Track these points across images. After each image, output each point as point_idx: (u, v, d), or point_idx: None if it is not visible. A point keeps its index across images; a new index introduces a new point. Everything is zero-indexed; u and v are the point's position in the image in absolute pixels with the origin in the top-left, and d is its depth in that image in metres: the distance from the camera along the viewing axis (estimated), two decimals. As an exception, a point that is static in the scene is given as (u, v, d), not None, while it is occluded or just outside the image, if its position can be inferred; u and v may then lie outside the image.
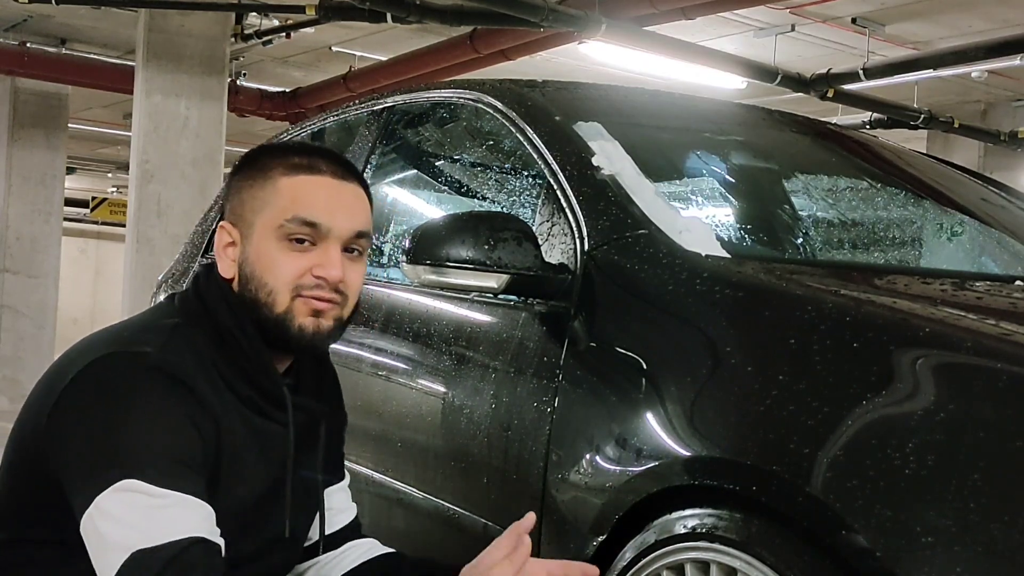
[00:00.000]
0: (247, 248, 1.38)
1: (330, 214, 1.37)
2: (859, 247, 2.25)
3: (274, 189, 1.38)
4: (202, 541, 1.22)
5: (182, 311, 1.39)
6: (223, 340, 1.36)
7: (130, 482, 1.20)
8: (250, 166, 1.42)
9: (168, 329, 1.34)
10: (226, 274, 1.39)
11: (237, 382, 1.35)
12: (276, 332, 1.37)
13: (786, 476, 1.23)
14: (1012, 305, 1.58)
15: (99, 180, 17.12)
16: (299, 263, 1.36)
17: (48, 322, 9.03)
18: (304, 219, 1.36)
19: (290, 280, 1.36)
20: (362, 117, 2.65)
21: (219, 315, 1.37)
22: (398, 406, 2.03)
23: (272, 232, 1.36)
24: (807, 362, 1.31)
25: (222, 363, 1.34)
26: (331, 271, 1.36)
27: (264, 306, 1.36)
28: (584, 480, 1.52)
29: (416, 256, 1.69)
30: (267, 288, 1.36)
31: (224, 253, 1.40)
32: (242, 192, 1.41)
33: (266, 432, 1.38)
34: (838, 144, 2.53)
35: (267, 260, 1.37)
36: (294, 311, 1.37)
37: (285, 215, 1.36)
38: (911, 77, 7.04)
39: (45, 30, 7.95)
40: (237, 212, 1.41)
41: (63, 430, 1.27)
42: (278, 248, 1.36)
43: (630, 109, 2.29)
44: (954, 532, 1.08)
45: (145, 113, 6.42)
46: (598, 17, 5.66)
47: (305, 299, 1.37)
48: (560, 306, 1.70)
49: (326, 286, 1.37)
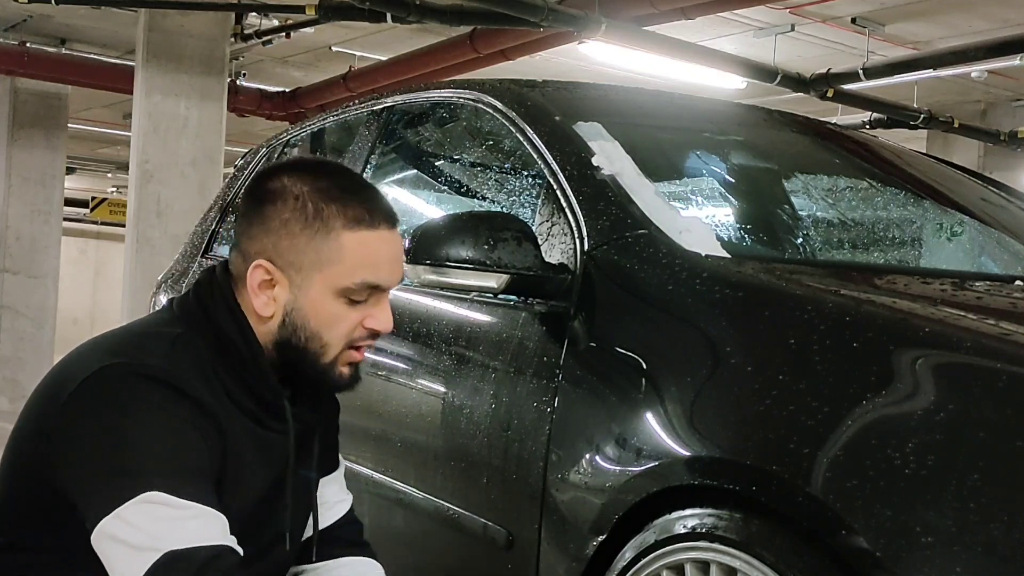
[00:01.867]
0: (299, 298, 1.36)
1: (391, 274, 1.39)
2: (859, 247, 2.25)
3: (339, 247, 1.34)
4: (232, 550, 1.23)
5: (183, 318, 1.38)
6: (225, 349, 1.35)
7: (152, 494, 1.20)
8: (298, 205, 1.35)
9: (170, 338, 1.33)
10: (264, 313, 1.37)
11: (237, 392, 1.35)
12: (315, 375, 1.39)
13: (786, 476, 1.23)
14: (1012, 305, 1.58)
15: (99, 180, 17.12)
16: (355, 318, 1.38)
17: (48, 322, 9.03)
18: (372, 284, 1.37)
19: (347, 335, 1.38)
20: (362, 117, 2.65)
21: (222, 324, 1.36)
22: (398, 406, 2.03)
23: (335, 291, 1.35)
24: (807, 362, 1.31)
25: (223, 372, 1.34)
26: (385, 325, 1.39)
27: (311, 355, 1.37)
28: (584, 480, 1.52)
29: (416, 256, 1.69)
30: (321, 341, 1.37)
31: (261, 291, 1.36)
32: (295, 239, 1.34)
33: (265, 441, 1.39)
34: (838, 144, 2.53)
35: (326, 316, 1.36)
36: (338, 361, 1.39)
37: (353, 278, 1.35)
38: (911, 77, 7.03)
39: (45, 30, 7.95)
40: (286, 257, 1.35)
41: (70, 443, 1.26)
42: (338, 305, 1.36)
43: (630, 109, 2.29)
44: (954, 532, 1.08)
45: (145, 113, 6.42)
46: (598, 17, 5.66)
47: (352, 351, 1.39)
48: (560, 306, 1.70)
49: (375, 337, 1.40)
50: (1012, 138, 8.68)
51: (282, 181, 1.37)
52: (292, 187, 1.36)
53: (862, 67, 6.86)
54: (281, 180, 1.37)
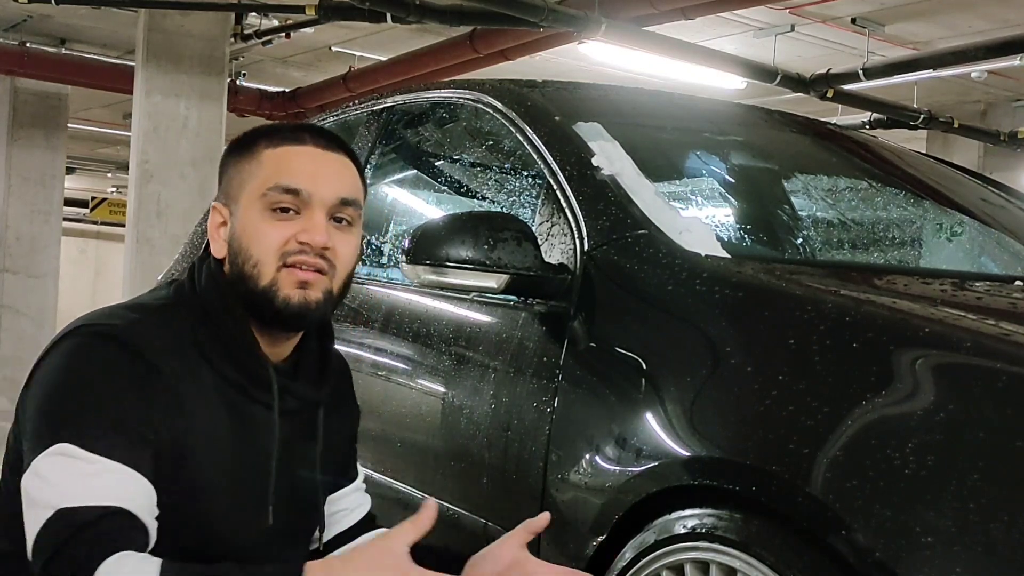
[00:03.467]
0: (235, 223, 1.39)
1: (312, 180, 1.37)
2: (859, 247, 2.25)
3: (258, 162, 1.39)
4: (126, 513, 1.19)
5: (175, 294, 1.40)
6: (209, 320, 1.36)
7: (64, 446, 1.19)
8: (237, 146, 1.44)
9: (151, 308, 1.35)
10: (218, 254, 1.40)
11: (222, 362, 1.35)
12: (263, 305, 1.35)
13: (786, 476, 1.23)
14: (1012, 305, 1.58)
15: (99, 180, 17.13)
16: (283, 231, 1.35)
17: (48, 322, 9.03)
18: (285, 186, 1.36)
19: (274, 248, 1.35)
20: (362, 117, 2.65)
21: (206, 295, 1.37)
22: (398, 406, 2.03)
23: (256, 203, 1.37)
24: (807, 362, 1.31)
25: (208, 343, 1.34)
26: (316, 236, 1.35)
27: (250, 278, 1.35)
28: (584, 480, 1.52)
29: (416, 256, 1.69)
30: (252, 259, 1.35)
31: (217, 234, 1.41)
32: (229, 170, 1.42)
33: (251, 415, 1.37)
34: (838, 144, 2.53)
35: (251, 231, 1.36)
36: (279, 282, 1.35)
37: (267, 184, 1.36)
38: (911, 77, 7.04)
39: (45, 30, 7.95)
40: (225, 191, 1.42)
41: (24, 404, 1.29)
42: (261, 218, 1.36)
43: (630, 109, 2.29)
44: (954, 532, 1.08)
45: (145, 113, 6.42)
46: (598, 17, 5.66)
47: (291, 269, 1.35)
48: (560, 306, 1.70)
49: (311, 251, 1.35)
50: (1012, 138, 8.68)
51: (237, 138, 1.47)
52: (240, 137, 1.46)
53: (862, 67, 6.86)
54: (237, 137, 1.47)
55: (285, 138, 1.41)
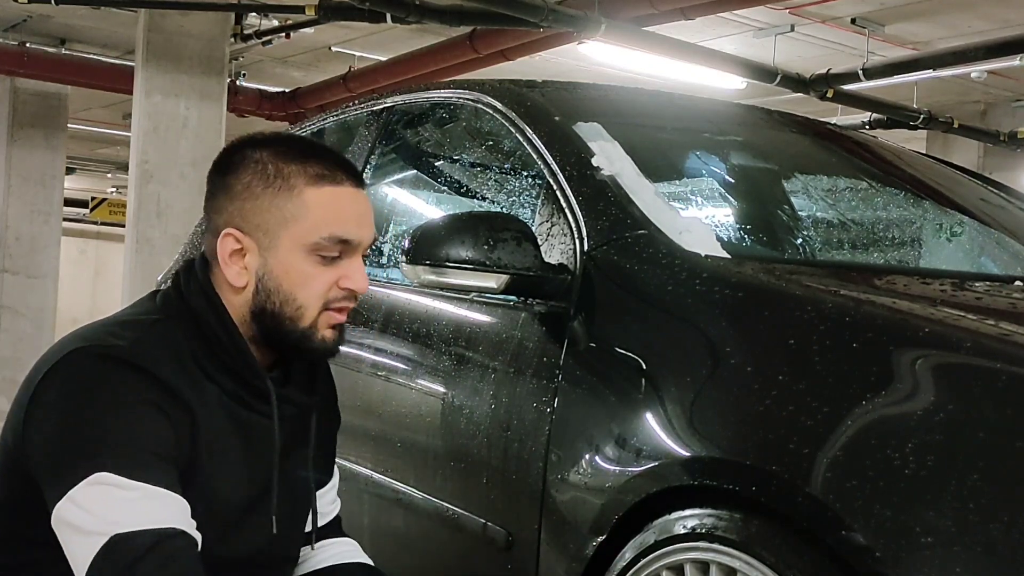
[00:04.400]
0: (269, 260, 1.35)
1: (359, 228, 1.37)
2: (859, 247, 2.25)
3: (302, 204, 1.34)
4: (181, 533, 1.21)
5: (163, 307, 1.38)
6: (202, 333, 1.34)
7: (103, 475, 1.18)
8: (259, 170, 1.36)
9: (146, 324, 1.33)
10: (237, 283, 1.36)
11: (219, 375, 1.34)
12: (296, 343, 1.37)
13: (786, 476, 1.23)
14: (1012, 305, 1.58)
15: (98, 180, 17.12)
16: (329, 277, 1.36)
17: (47, 323, 9.03)
18: (340, 237, 1.35)
19: (321, 295, 1.36)
20: (361, 117, 2.65)
21: (198, 310, 1.35)
22: (398, 406, 2.03)
23: (303, 248, 1.34)
24: (807, 362, 1.31)
25: (203, 357, 1.33)
26: (360, 283, 1.37)
27: (289, 320, 1.35)
28: (584, 480, 1.52)
29: (415, 256, 1.69)
30: (296, 303, 1.35)
31: (231, 261, 1.36)
32: (258, 200, 1.35)
33: (252, 425, 1.37)
34: (837, 144, 2.53)
35: (297, 276, 1.35)
36: (318, 324, 1.37)
37: (320, 233, 1.34)
38: (911, 77, 7.04)
39: (45, 30, 7.95)
40: (252, 220, 1.35)
41: (33, 427, 1.26)
42: (309, 263, 1.35)
43: (630, 109, 2.29)
44: (954, 532, 1.08)
45: (144, 113, 6.42)
46: (598, 17, 5.66)
47: (330, 313, 1.37)
48: (559, 306, 1.70)
49: (352, 298, 1.38)
50: (1012, 138, 8.68)
51: (242, 152, 1.39)
52: (252, 154, 1.38)
53: (862, 67, 6.86)
54: (241, 151, 1.39)
55: (323, 177, 1.36)
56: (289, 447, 1.42)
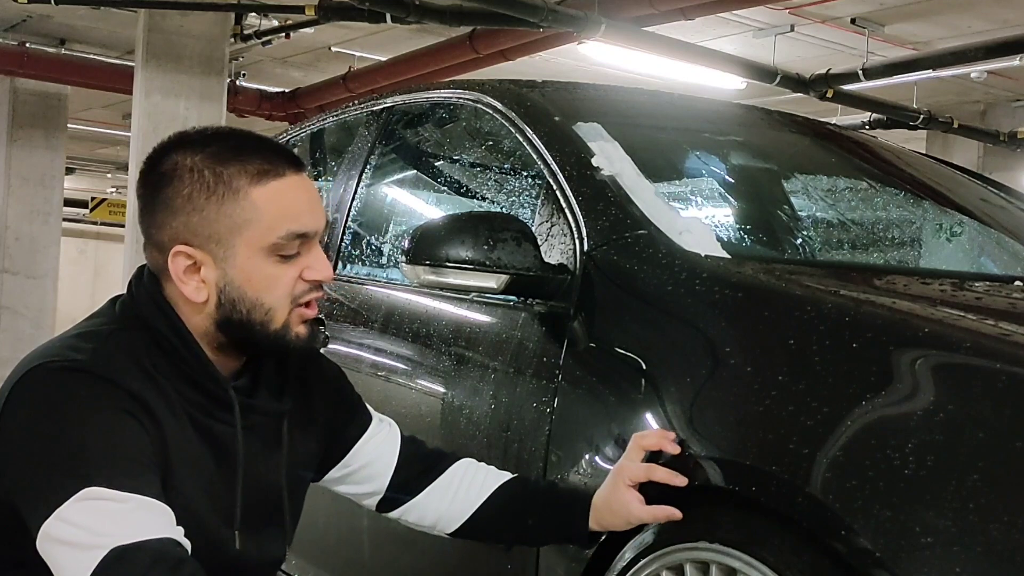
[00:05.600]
0: (228, 271, 1.29)
1: (313, 218, 1.33)
2: (859, 247, 2.25)
3: (251, 206, 1.28)
4: (177, 542, 1.17)
5: (120, 316, 1.33)
6: (159, 344, 1.30)
7: (91, 490, 1.14)
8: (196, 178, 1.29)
9: (102, 335, 1.28)
10: (197, 298, 1.30)
11: (180, 384, 1.30)
12: (271, 346, 1.33)
13: (786, 476, 1.23)
14: (1011, 305, 1.58)
15: (98, 180, 17.13)
16: (291, 273, 1.32)
17: (47, 323, 9.03)
18: (297, 232, 1.31)
19: (287, 294, 1.32)
20: (361, 117, 2.65)
21: (150, 320, 1.31)
22: (398, 406, 2.03)
23: (262, 251, 1.29)
24: (807, 362, 1.31)
25: (163, 366, 1.29)
26: (325, 272, 1.33)
27: (260, 325, 1.31)
28: (584, 480, 1.52)
29: (415, 256, 1.69)
30: (264, 308, 1.31)
31: (187, 278, 1.30)
32: (204, 211, 1.28)
33: (216, 435, 1.33)
34: (837, 144, 2.54)
35: (260, 280, 1.30)
36: (290, 323, 1.33)
37: (277, 233, 1.29)
38: (910, 77, 7.04)
39: (45, 30, 7.96)
40: (202, 233, 1.29)
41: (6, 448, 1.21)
42: (269, 264, 1.30)
43: (630, 109, 2.29)
44: (954, 532, 1.08)
45: (144, 113, 6.42)
46: (597, 17, 5.66)
47: (300, 309, 1.33)
48: (559, 306, 1.70)
49: (318, 288, 1.35)
50: (1012, 138, 8.69)
51: (172, 159, 1.31)
52: (184, 161, 1.30)
53: (862, 67, 6.87)
54: (170, 158, 1.32)
55: (265, 172, 1.30)
56: (257, 454, 1.37)
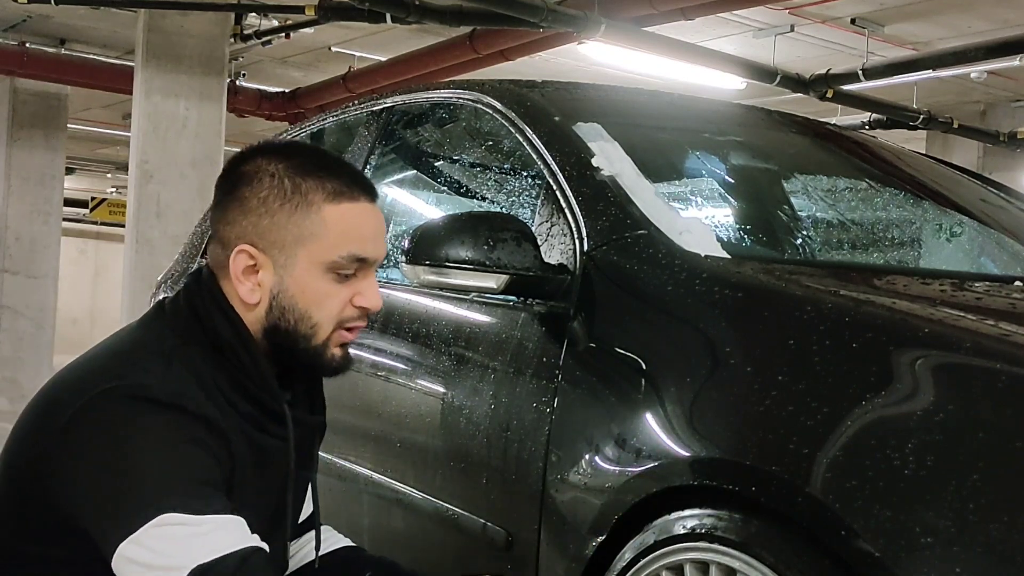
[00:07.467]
0: (285, 278, 1.33)
1: (376, 246, 1.37)
2: (858, 248, 2.25)
3: (320, 221, 1.32)
4: (258, 548, 1.21)
5: (176, 328, 1.34)
6: (223, 356, 1.32)
7: (166, 516, 1.17)
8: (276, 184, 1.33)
9: (165, 354, 1.29)
10: (250, 300, 1.34)
11: (238, 399, 1.32)
12: (306, 359, 1.36)
13: (786, 476, 1.23)
14: (1011, 305, 1.58)
15: (98, 180, 17.12)
16: (344, 295, 1.35)
17: (47, 322, 9.03)
18: (359, 256, 1.34)
19: (336, 313, 1.35)
20: (361, 117, 2.65)
21: (218, 331, 1.33)
22: (398, 406, 2.03)
23: (321, 266, 1.33)
24: (806, 362, 1.31)
25: (222, 380, 1.31)
26: (375, 301, 1.37)
27: (303, 337, 1.34)
28: (583, 480, 1.52)
29: (415, 256, 1.69)
30: (311, 321, 1.34)
31: (245, 278, 1.34)
32: (275, 216, 1.32)
33: (267, 448, 1.36)
34: (837, 145, 2.54)
35: (313, 294, 1.33)
36: (330, 342, 1.36)
37: (339, 251, 1.33)
38: (910, 78, 7.04)
39: (45, 30, 7.95)
40: (268, 237, 1.32)
41: (75, 470, 1.22)
42: (325, 281, 1.34)
43: (630, 110, 2.29)
44: (954, 532, 1.08)
45: (144, 113, 6.42)
46: (597, 17, 5.66)
47: (342, 332, 1.37)
48: (559, 306, 1.70)
49: (364, 317, 1.38)
50: (1012, 139, 8.69)
51: (255, 162, 1.35)
52: (267, 166, 1.34)
53: (861, 68, 6.87)
54: (255, 161, 1.36)
55: (341, 193, 1.34)
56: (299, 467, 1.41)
